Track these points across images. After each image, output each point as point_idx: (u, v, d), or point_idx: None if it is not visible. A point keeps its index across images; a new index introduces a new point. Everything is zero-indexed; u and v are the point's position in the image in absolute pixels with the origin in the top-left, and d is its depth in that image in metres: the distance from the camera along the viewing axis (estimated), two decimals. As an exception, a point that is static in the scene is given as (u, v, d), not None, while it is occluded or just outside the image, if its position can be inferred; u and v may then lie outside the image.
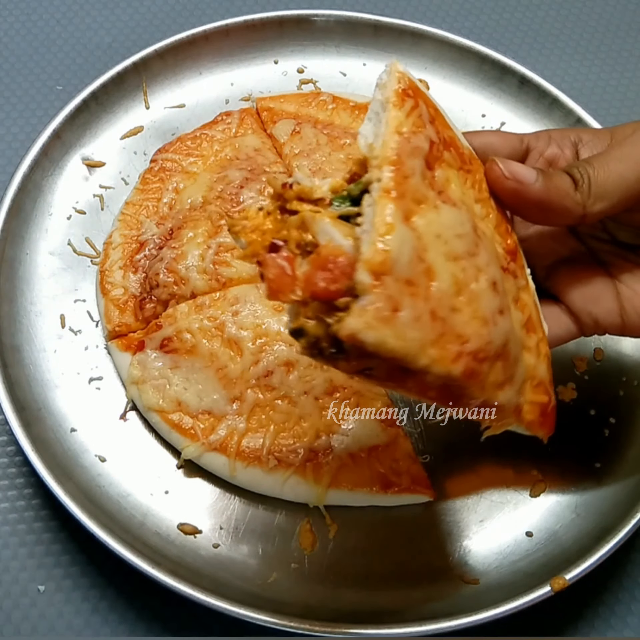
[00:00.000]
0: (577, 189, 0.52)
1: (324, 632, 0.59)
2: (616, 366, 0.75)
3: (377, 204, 0.42)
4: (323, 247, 0.43)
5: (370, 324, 0.40)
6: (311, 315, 0.43)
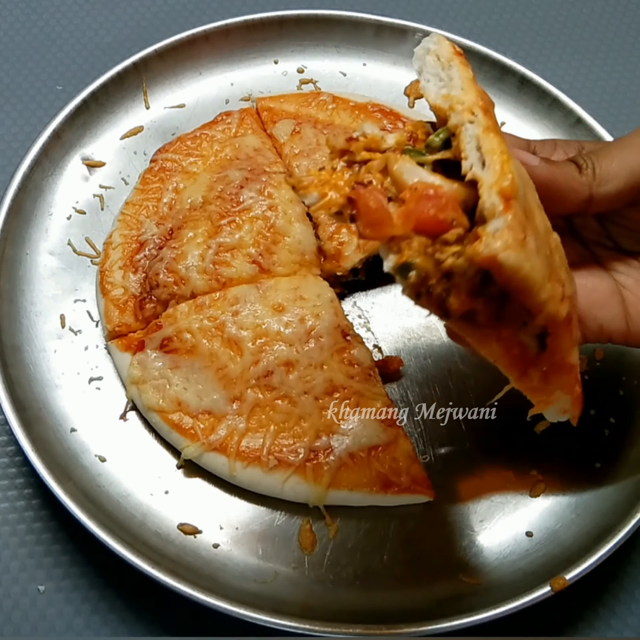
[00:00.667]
0: (582, 172, 0.52)
1: (324, 632, 0.59)
2: (616, 366, 0.75)
3: (485, 137, 0.42)
4: (417, 183, 0.42)
5: (509, 245, 0.39)
6: (415, 250, 0.41)
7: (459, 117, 0.44)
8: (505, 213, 0.39)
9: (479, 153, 0.42)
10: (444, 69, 0.47)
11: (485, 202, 0.40)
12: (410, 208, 0.41)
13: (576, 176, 0.52)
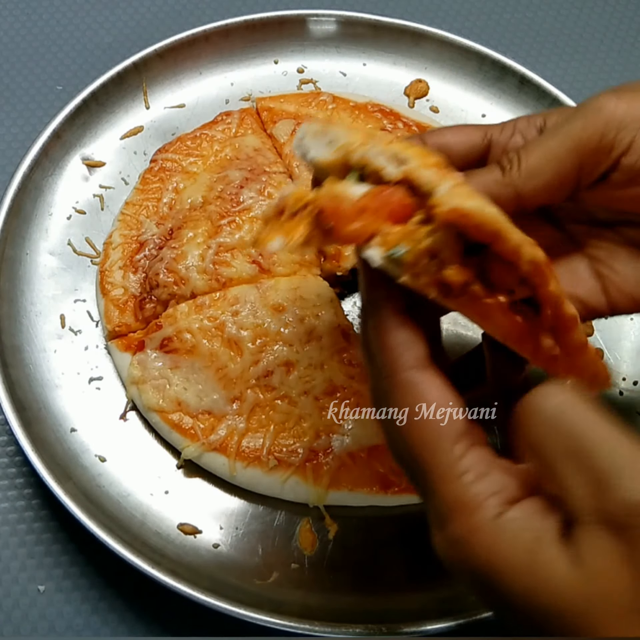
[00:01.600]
0: (504, 174, 0.50)
1: (324, 632, 0.59)
2: (616, 366, 0.75)
3: (387, 150, 0.43)
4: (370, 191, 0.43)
5: (462, 195, 0.40)
6: (395, 238, 0.42)
7: (360, 150, 0.44)
8: (444, 178, 0.41)
9: (391, 160, 0.43)
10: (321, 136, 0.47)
11: (422, 180, 0.41)
12: (377, 202, 0.42)
13: (498, 179, 0.50)
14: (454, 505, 0.39)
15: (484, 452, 0.40)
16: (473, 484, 0.38)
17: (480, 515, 0.38)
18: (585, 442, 0.38)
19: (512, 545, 0.37)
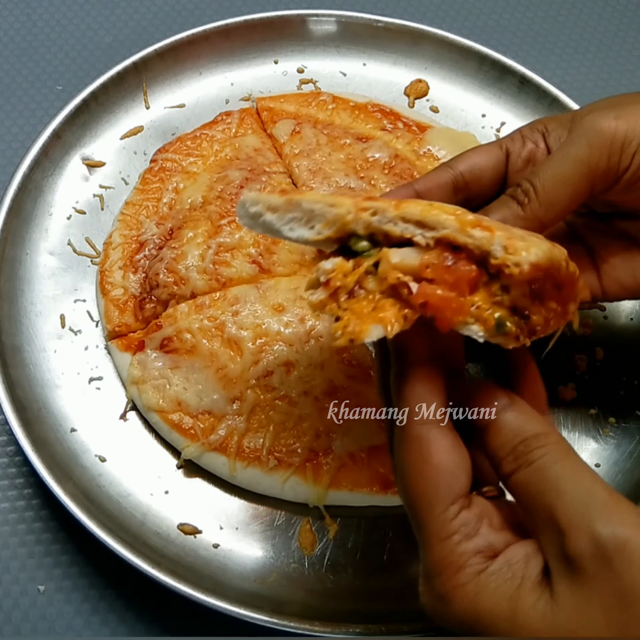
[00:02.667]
0: (524, 209, 0.52)
1: (324, 631, 0.59)
2: (616, 366, 0.75)
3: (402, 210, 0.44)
4: (428, 265, 0.42)
5: (523, 248, 0.41)
6: (487, 307, 0.42)
7: (362, 219, 0.44)
8: (493, 234, 0.41)
9: (410, 223, 0.43)
10: (290, 211, 0.46)
11: (475, 241, 0.41)
12: (455, 280, 0.42)
13: (520, 215, 0.52)
14: (442, 562, 0.42)
15: (474, 513, 0.43)
16: (460, 545, 0.42)
17: (465, 572, 0.41)
18: (553, 495, 0.42)
19: (493, 596, 0.40)
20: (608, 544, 0.39)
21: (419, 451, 0.44)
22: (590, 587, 0.39)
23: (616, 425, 0.73)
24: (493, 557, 0.42)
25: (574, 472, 0.42)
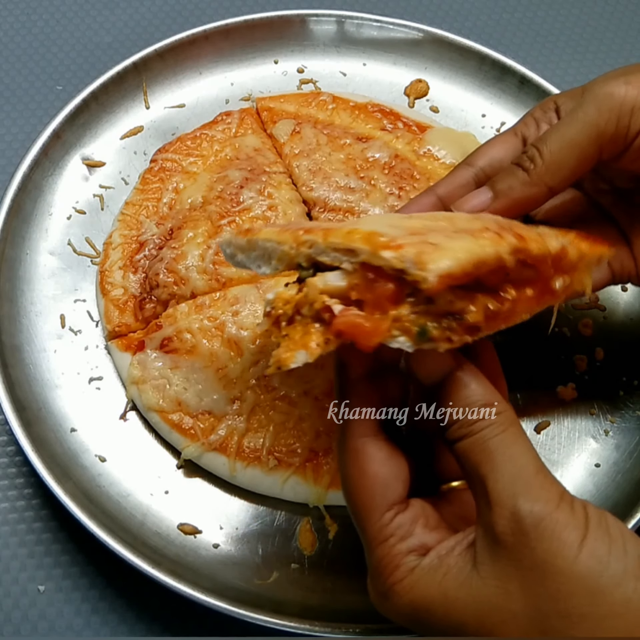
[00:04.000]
0: (530, 174, 0.52)
1: (324, 631, 0.59)
2: (616, 366, 0.75)
3: (329, 241, 0.45)
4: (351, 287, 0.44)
5: (433, 259, 0.41)
6: (408, 317, 0.43)
7: (302, 253, 0.47)
8: (401, 251, 0.42)
9: (335, 252, 0.45)
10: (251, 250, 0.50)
11: (388, 263, 0.42)
12: (373, 299, 0.43)
13: (526, 180, 0.52)
14: (380, 563, 0.46)
15: (409, 516, 0.46)
16: (395, 546, 0.45)
17: (401, 569, 0.45)
18: (488, 468, 0.44)
19: (425, 585, 0.44)
20: (526, 520, 0.41)
21: (356, 463, 0.47)
22: (508, 561, 0.41)
23: (616, 425, 0.73)
24: (425, 554, 0.45)
25: (510, 446, 0.43)
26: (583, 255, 0.50)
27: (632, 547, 0.41)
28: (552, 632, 0.40)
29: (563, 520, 0.41)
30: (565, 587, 0.40)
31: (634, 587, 0.40)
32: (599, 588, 0.40)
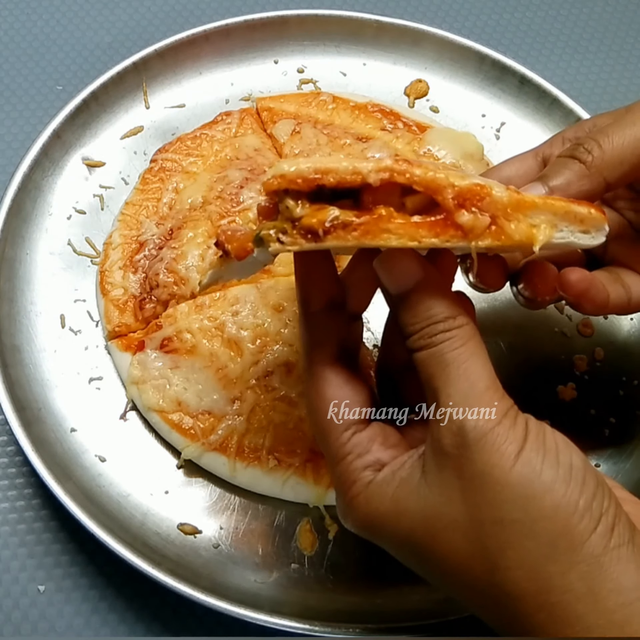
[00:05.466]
0: (588, 167, 0.51)
1: (324, 631, 0.59)
2: (616, 366, 0.75)
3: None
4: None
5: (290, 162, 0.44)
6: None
7: None
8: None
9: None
10: None
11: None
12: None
13: (584, 173, 0.51)
14: (340, 479, 0.48)
15: (367, 435, 0.49)
16: (352, 463, 0.48)
17: (357, 484, 0.47)
18: (441, 381, 0.45)
19: (379, 498, 0.46)
20: (469, 433, 0.43)
21: (316, 388, 0.50)
22: (452, 471, 0.43)
23: (616, 425, 0.73)
24: (380, 469, 0.47)
25: (466, 360, 0.45)
26: (534, 205, 0.47)
27: (564, 456, 0.43)
28: (487, 537, 0.42)
29: (503, 434, 0.43)
30: (500, 495, 0.42)
31: (563, 492, 0.42)
32: (531, 494, 0.42)
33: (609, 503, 0.43)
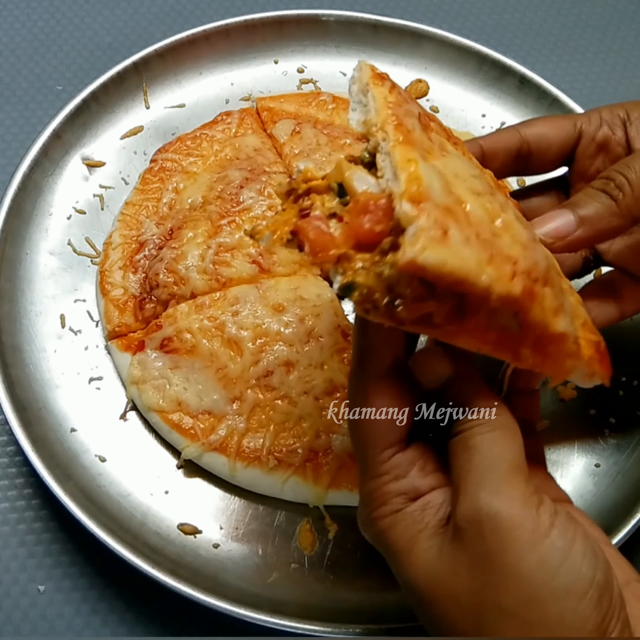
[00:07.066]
0: (619, 205, 0.51)
1: (324, 632, 0.59)
2: (616, 366, 0.75)
3: (393, 151, 0.42)
4: (360, 194, 0.42)
5: (426, 246, 0.39)
6: (358, 267, 0.42)
7: (376, 137, 0.44)
8: (418, 217, 0.40)
9: (391, 167, 0.42)
10: (364, 95, 0.47)
11: (399, 212, 0.40)
12: (349, 225, 0.42)
13: (614, 211, 0.51)
14: (370, 495, 0.48)
15: (407, 457, 0.47)
16: (387, 485, 0.47)
17: (386, 508, 0.47)
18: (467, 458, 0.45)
19: (399, 533, 0.46)
20: (482, 512, 0.42)
21: (364, 398, 0.48)
22: (462, 545, 0.43)
23: (616, 425, 0.73)
24: (414, 499, 0.46)
25: (492, 443, 0.45)
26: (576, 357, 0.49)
27: (588, 568, 0.41)
28: (485, 620, 0.42)
29: (519, 519, 0.41)
30: (506, 582, 0.41)
31: (572, 606, 0.40)
32: (539, 596, 0.40)
33: (615, 626, 0.41)
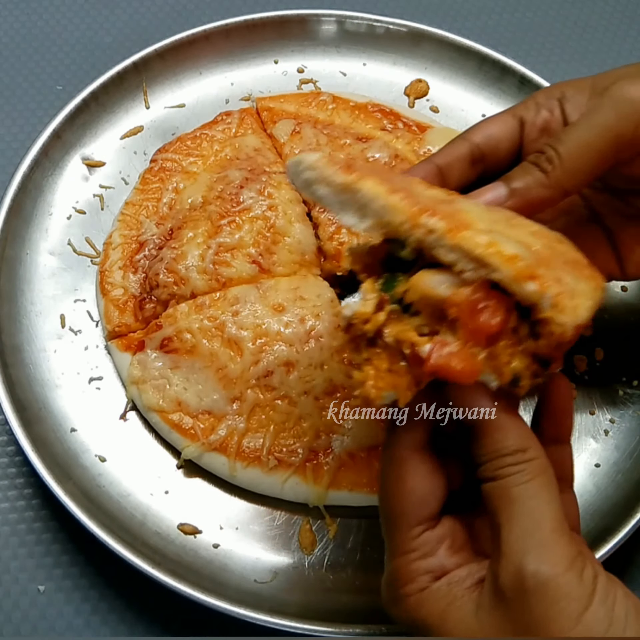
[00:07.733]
0: (548, 177, 0.52)
1: (324, 632, 0.59)
2: (616, 366, 0.75)
3: (460, 242, 0.41)
4: (453, 297, 0.41)
5: (566, 304, 0.40)
6: (505, 362, 0.42)
7: (415, 232, 0.42)
8: (544, 288, 0.40)
9: (463, 256, 0.41)
10: (351, 194, 0.44)
11: (524, 294, 0.40)
12: (472, 332, 0.42)
13: (544, 182, 0.52)
14: (397, 572, 0.48)
15: (437, 535, 0.47)
16: (415, 562, 0.47)
17: (412, 586, 0.47)
18: (505, 517, 0.44)
19: (429, 610, 0.46)
20: (529, 579, 0.41)
21: (398, 472, 0.48)
22: (505, 613, 0.42)
23: (616, 425, 0.73)
24: (440, 577, 0.46)
25: (532, 497, 0.43)
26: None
27: (631, 630, 0.41)
28: None
29: (566, 588, 0.41)
30: None
31: None
32: None
33: None
